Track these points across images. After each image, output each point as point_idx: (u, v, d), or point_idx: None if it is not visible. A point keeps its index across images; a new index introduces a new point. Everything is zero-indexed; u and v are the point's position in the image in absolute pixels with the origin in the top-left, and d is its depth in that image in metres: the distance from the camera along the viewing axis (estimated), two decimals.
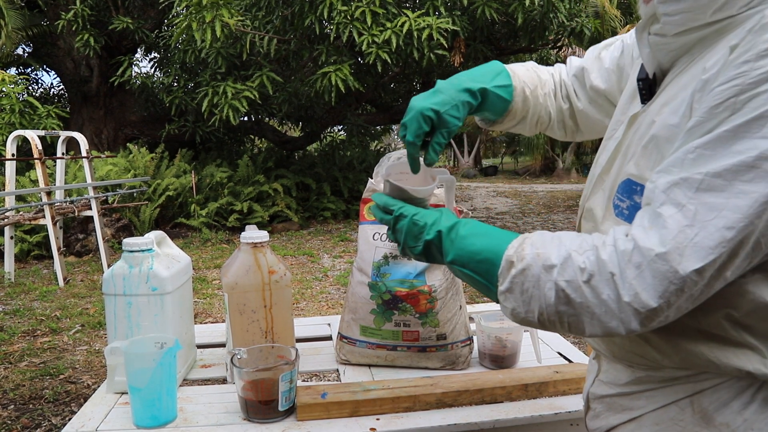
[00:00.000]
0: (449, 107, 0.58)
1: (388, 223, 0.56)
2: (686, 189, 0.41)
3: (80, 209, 3.99)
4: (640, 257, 0.41)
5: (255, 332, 0.86)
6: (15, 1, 5.56)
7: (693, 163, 0.41)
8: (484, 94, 0.61)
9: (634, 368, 0.52)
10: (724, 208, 0.39)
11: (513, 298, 0.47)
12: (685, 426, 0.47)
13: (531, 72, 0.67)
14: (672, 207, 0.41)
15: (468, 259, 0.50)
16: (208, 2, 4.26)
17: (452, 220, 0.53)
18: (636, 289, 0.41)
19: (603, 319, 0.43)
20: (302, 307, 3.20)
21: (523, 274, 0.46)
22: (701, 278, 0.40)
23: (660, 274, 0.40)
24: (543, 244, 0.47)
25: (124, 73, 5.74)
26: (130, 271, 0.83)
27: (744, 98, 0.39)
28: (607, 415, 0.55)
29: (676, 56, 0.49)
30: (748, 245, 0.40)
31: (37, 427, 1.86)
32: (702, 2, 0.44)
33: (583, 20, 5.18)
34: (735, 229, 0.39)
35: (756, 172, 0.39)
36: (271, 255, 0.88)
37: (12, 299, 3.43)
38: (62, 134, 4.11)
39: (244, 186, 5.97)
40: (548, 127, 0.71)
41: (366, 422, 0.74)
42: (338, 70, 4.61)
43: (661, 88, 0.50)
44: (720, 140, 0.40)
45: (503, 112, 0.65)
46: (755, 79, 0.39)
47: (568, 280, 0.44)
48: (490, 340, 0.91)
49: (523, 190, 10.61)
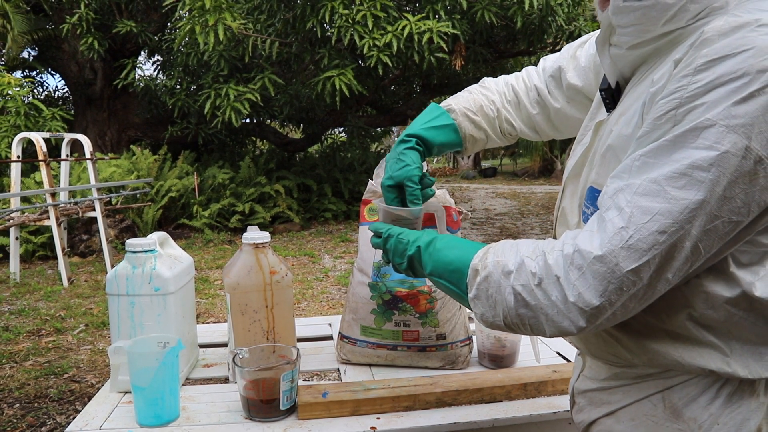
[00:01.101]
0: (398, 168, 0.65)
1: (380, 245, 0.61)
2: (627, 194, 0.43)
3: (84, 210, 4.01)
4: (581, 260, 0.44)
5: (256, 332, 0.87)
6: (21, 6, 5.60)
7: (638, 171, 0.43)
8: (417, 136, 0.68)
9: (610, 365, 0.54)
10: (656, 212, 0.41)
11: (480, 304, 0.50)
12: (658, 421, 0.50)
13: (474, 95, 0.73)
14: (614, 211, 0.44)
15: (443, 270, 0.54)
16: (211, 6, 4.29)
17: (431, 236, 0.57)
18: (579, 290, 0.44)
19: (555, 319, 0.46)
20: (303, 307, 3.21)
21: (487, 281, 0.50)
22: (639, 278, 0.42)
23: (599, 275, 0.43)
24: (503, 251, 0.50)
25: (128, 76, 5.77)
26: (134, 272, 0.84)
27: (683, 111, 0.41)
28: (589, 409, 0.57)
29: (635, 66, 0.51)
30: (683, 249, 0.42)
31: (41, 426, 1.87)
32: (651, 15, 0.46)
33: (581, 24, 5.19)
34: (666, 233, 0.41)
35: (687, 180, 0.41)
36: (273, 255, 0.89)
37: (17, 299, 3.45)
38: (66, 136, 4.13)
39: (245, 187, 5.99)
40: (519, 134, 0.75)
41: (367, 421, 0.75)
42: (342, 75, 4.63)
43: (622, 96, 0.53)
44: (661, 149, 0.42)
45: (462, 141, 0.72)
46: (692, 93, 0.41)
47: (523, 284, 0.47)
48: (490, 340, 0.92)
49: (522, 192, 10.59)
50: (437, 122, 0.69)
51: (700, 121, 0.40)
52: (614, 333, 0.52)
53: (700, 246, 0.42)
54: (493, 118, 0.73)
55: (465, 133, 0.71)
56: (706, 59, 0.41)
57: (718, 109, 0.40)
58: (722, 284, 0.45)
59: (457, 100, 0.73)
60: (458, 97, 0.74)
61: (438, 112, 0.71)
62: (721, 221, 0.41)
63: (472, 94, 0.73)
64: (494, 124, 0.73)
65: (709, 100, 0.40)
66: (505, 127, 0.74)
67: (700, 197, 0.40)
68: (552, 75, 0.72)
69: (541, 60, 0.74)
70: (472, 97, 0.73)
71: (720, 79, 0.40)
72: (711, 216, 0.41)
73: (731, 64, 0.40)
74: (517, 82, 0.74)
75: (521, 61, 6.63)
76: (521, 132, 0.75)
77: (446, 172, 17.37)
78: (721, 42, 0.40)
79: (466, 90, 0.75)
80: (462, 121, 0.71)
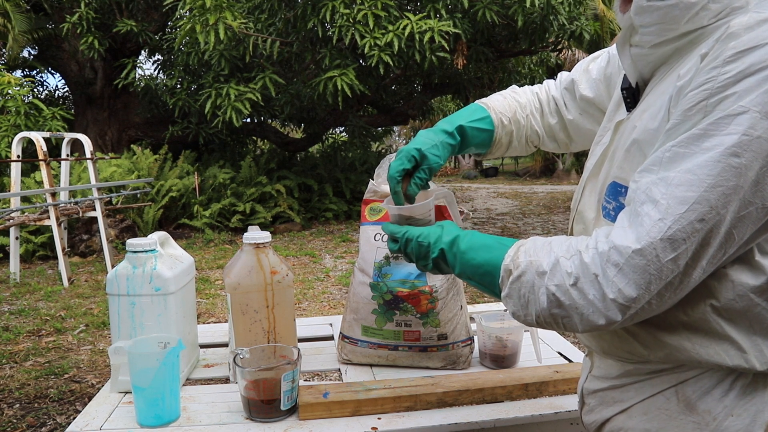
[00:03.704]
0: (430, 146, 0.65)
1: (400, 250, 0.61)
2: (662, 186, 0.45)
3: (84, 210, 4.01)
4: (618, 256, 0.45)
5: (257, 332, 0.86)
6: (21, 5, 5.61)
7: (669, 162, 0.45)
8: (461, 131, 0.69)
9: (622, 362, 0.55)
10: (694, 201, 0.43)
11: (512, 302, 0.52)
12: (671, 414, 0.51)
13: (508, 100, 0.75)
14: (649, 204, 0.45)
15: (472, 273, 0.55)
16: (212, 5, 4.29)
17: (452, 235, 0.57)
18: (618, 286, 0.45)
19: (592, 318, 0.47)
20: (304, 308, 3.21)
21: (519, 281, 0.51)
22: (677, 266, 0.44)
23: (639, 268, 0.44)
24: (535, 251, 0.51)
25: (128, 76, 5.77)
26: (134, 272, 0.83)
27: (714, 101, 0.43)
28: (600, 409, 0.58)
29: (656, 66, 0.53)
30: (719, 235, 0.43)
31: (42, 426, 1.87)
32: (674, 13, 0.48)
33: (582, 23, 5.19)
34: (705, 220, 0.43)
35: (722, 166, 0.42)
36: (274, 255, 0.89)
37: (17, 299, 3.45)
38: (67, 136, 4.13)
39: (246, 187, 5.99)
40: (540, 143, 0.77)
41: (367, 421, 0.75)
42: (343, 74, 4.63)
43: (643, 96, 0.54)
44: (692, 139, 0.44)
45: (490, 143, 0.73)
46: (723, 83, 0.43)
47: (557, 284, 0.48)
48: (491, 340, 0.91)
49: (524, 191, 10.60)
50: (481, 124, 0.70)
51: (733, 108, 0.42)
52: (631, 329, 0.52)
53: (734, 232, 0.43)
54: (523, 125, 0.74)
55: (495, 138, 0.73)
56: (734, 51, 0.42)
57: (751, 96, 0.41)
58: (747, 273, 0.46)
59: (493, 103, 0.74)
60: (493, 99, 0.75)
61: (482, 114, 0.71)
62: (755, 207, 0.43)
63: (506, 99, 0.75)
64: (521, 132, 0.74)
65: (740, 89, 0.42)
66: (530, 135, 0.76)
67: (734, 182, 0.42)
68: (566, 87, 0.74)
69: (559, 74, 0.77)
70: (506, 102, 0.74)
71: (750, 69, 0.41)
72: (745, 202, 0.43)
73: (759, 54, 0.41)
74: (540, 91, 0.77)
75: (523, 60, 6.62)
76: (543, 141, 0.77)
77: (447, 172, 17.36)
78: (748, 35, 0.42)
79: (499, 94, 0.76)
80: (497, 124, 0.72)
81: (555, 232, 5.94)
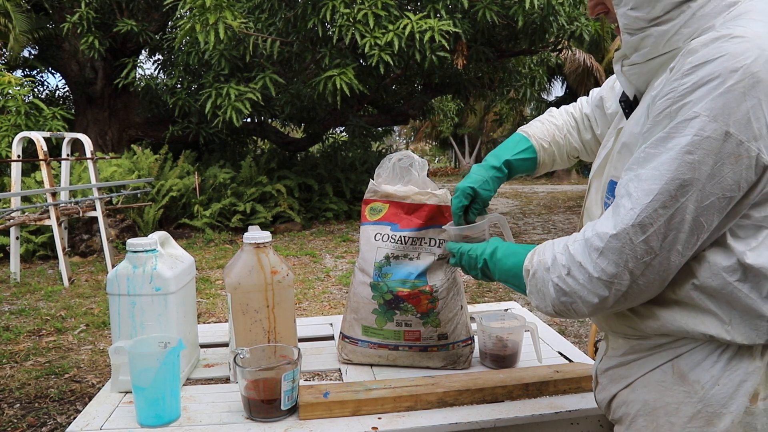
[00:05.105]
0: (481, 183, 0.78)
1: (457, 263, 0.74)
2: (635, 182, 0.53)
3: (85, 210, 4.01)
4: (599, 241, 0.54)
5: (258, 332, 0.87)
6: (22, 5, 5.61)
7: (643, 161, 0.53)
8: (508, 165, 0.81)
9: (628, 338, 0.63)
10: (657, 192, 0.51)
11: (534, 297, 0.62)
12: (666, 385, 0.58)
13: (546, 125, 0.85)
14: (626, 197, 0.54)
15: (506, 276, 0.66)
16: (212, 5, 4.29)
17: (492, 247, 0.69)
18: (601, 266, 0.54)
19: (588, 298, 0.56)
20: (304, 307, 3.21)
21: (535, 278, 0.61)
22: (650, 248, 0.52)
23: (616, 250, 0.53)
24: (543, 251, 0.61)
25: (129, 75, 5.77)
26: (134, 272, 0.84)
27: (675, 108, 0.51)
28: (610, 386, 0.65)
29: (648, 79, 0.61)
30: (685, 222, 0.51)
31: (42, 426, 1.87)
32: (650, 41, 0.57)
33: (582, 23, 5.19)
34: (666, 207, 0.51)
35: (679, 162, 0.50)
36: (274, 255, 0.89)
37: (17, 299, 3.45)
38: (67, 136, 4.14)
39: (246, 187, 5.99)
40: (580, 155, 0.88)
41: (368, 421, 0.75)
42: (342, 74, 4.63)
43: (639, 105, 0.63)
44: (659, 141, 0.52)
45: (534, 167, 0.84)
46: (682, 93, 0.51)
47: (558, 275, 0.58)
48: (491, 340, 0.91)
49: (524, 191, 10.60)
50: (525, 154, 0.82)
51: (689, 114, 0.50)
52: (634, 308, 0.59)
53: (701, 220, 0.51)
54: (562, 145, 0.85)
55: (539, 161, 0.84)
56: (691, 65, 0.51)
57: (702, 103, 0.49)
58: (721, 254, 0.53)
59: (533, 130, 0.84)
60: (532, 127, 0.85)
61: (525, 145, 0.82)
62: (716, 197, 0.50)
63: (544, 124, 0.85)
64: (562, 151, 0.85)
65: (694, 97, 0.50)
66: (570, 151, 0.86)
67: (689, 176, 0.50)
68: (597, 105, 0.83)
69: (591, 91, 0.87)
70: (544, 128, 0.85)
71: (702, 80, 0.50)
72: (705, 193, 0.50)
73: (710, 67, 0.49)
74: (575, 111, 0.87)
75: (523, 60, 6.62)
76: (582, 154, 0.87)
77: (448, 172, 17.36)
78: (702, 51, 0.51)
79: (537, 120, 0.87)
80: (539, 150, 0.83)
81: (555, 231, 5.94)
